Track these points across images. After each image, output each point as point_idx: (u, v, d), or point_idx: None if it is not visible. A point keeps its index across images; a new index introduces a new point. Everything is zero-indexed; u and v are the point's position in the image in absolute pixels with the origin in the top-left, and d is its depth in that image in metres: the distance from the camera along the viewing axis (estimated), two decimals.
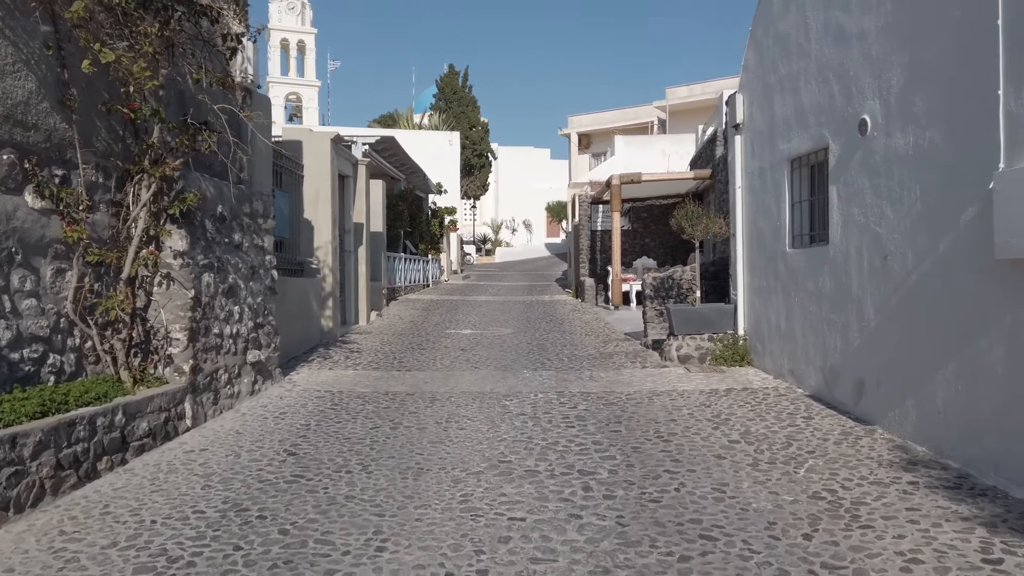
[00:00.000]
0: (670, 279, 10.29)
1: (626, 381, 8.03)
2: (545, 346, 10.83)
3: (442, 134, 34.87)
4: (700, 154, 16.39)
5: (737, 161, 8.70)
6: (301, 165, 10.95)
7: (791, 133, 7.39)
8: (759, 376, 8.06)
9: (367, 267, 13.60)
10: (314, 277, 10.91)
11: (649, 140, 26.93)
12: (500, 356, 9.92)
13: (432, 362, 9.51)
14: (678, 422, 6.23)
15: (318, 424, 6.33)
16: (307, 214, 11.01)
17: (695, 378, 8.07)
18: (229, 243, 7.05)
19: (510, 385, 7.93)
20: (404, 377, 8.47)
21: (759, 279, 8.29)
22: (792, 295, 7.43)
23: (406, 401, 7.19)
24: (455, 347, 10.78)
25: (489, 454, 5.41)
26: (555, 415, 6.57)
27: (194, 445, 5.71)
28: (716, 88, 33.40)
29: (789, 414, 6.40)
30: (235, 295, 7.12)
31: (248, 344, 7.34)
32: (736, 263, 8.75)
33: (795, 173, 7.52)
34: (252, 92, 8.39)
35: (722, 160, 13.62)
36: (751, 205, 8.46)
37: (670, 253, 18.38)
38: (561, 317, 14.78)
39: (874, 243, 5.90)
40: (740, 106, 8.58)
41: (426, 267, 22.41)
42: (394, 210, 19.99)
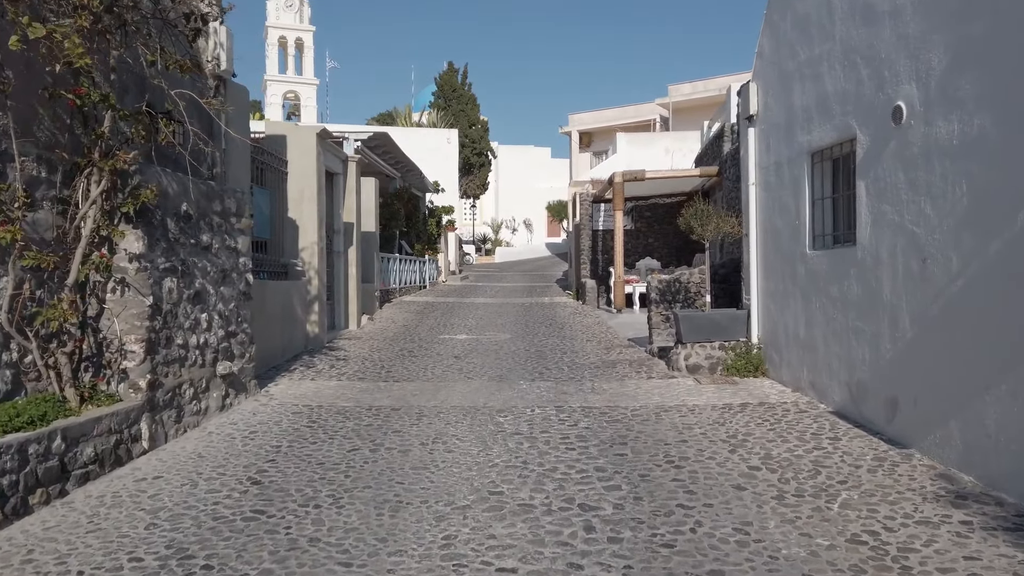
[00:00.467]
0: (677, 282, 9.66)
1: (631, 394, 7.40)
2: (544, 353, 10.20)
3: (440, 131, 34.23)
4: (706, 151, 15.76)
5: (750, 156, 8.07)
6: (285, 161, 10.32)
7: (812, 124, 6.76)
8: (775, 389, 7.42)
9: (358, 269, 12.97)
10: (299, 280, 10.28)
11: (652, 137, 26.32)
12: (495, 364, 9.29)
13: (423, 371, 8.88)
14: (690, 443, 5.60)
15: (290, 446, 5.70)
16: (292, 213, 10.38)
17: (706, 391, 7.44)
18: (196, 244, 6.43)
19: (505, 398, 7.30)
20: (391, 389, 7.84)
21: (775, 283, 7.66)
22: (813, 301, 6.79)
23: (391, 417, 6.56)
24: (448, 354, 10.15)
25: (478, 483, 4.79)
26: (553, 434, 5.94)
27: (148, 472, 5.08)
28: (720, 85, 32.78)
29: (813, 434, 5.76)
30: (203, 301, 6.50)
31: (218, 355, 6.72)
32: (749, 265, 8.12)
33: (816, 168, 6.88)
34: (226, 81, 7.77)
35: (730, 156, 12.99)
36: (766, 203, 7.83)
37: (674, 254, 17.76)
38: (561, 321, 14.15)
39: (910, 244, 5.27)
40: (754, 96, 7.95)
41: (423, 268, 21.79)
42: (389, 209, 19.36)
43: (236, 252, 7.19)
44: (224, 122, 7.72)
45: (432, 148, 30.92)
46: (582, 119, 39.20)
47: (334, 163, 12.10)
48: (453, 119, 40.57)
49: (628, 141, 25.02)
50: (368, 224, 15.03)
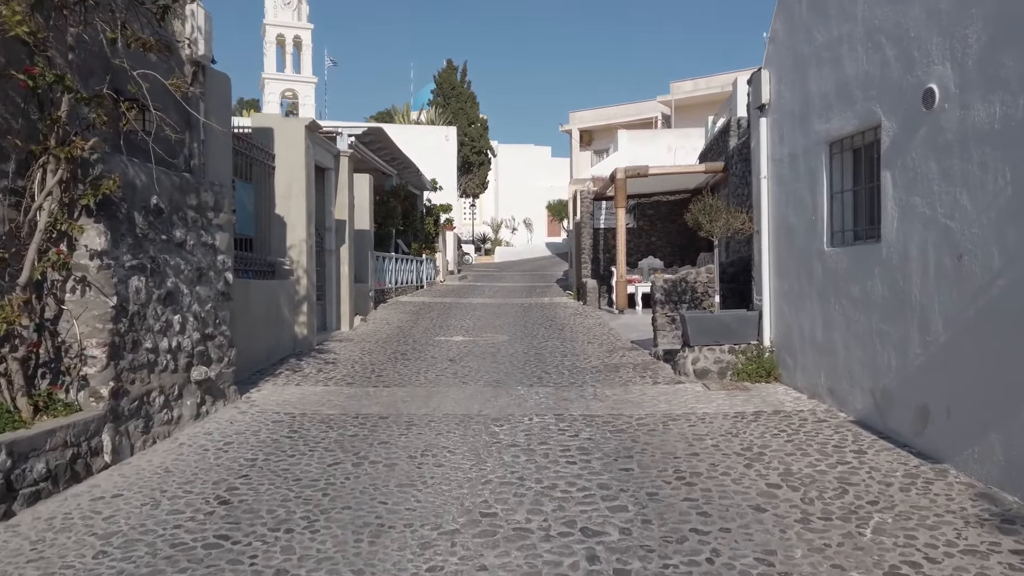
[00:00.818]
0: (683, 282, 9.20)
1: (636, 401, 6.94)
2: (543, 356, 9.74)
3: (438, 129, 33.76)
4: (711, 147, 15.30)
5: (762, 147, 7.61)
6: (272, 155, 9.86)
7: (830, 111, 6.30)
8: (790, 395, 6.96)
9: (350, 268, 12.52)
10: (286, 279, 9.82)
11: (654, 134, 25.86)
12: (492, 368, 8.83)
13: (415, 376, 8.42)
14: (702, 457, 5.14)
15: (266, 459, 5.24)
16: (279, 209, 9.92)
17: (716, 397, 6.97)
18: (168, 240, 5.97)
19: (501, 405, 6.84)
20: (380, 395, 7.38)
21: (789, 282, 7.19)
22: (831, 301, 6.33)
23: (378, 427, 6.10)
24: (443, 357, 9.69)
25: (470, 503, 4.33)
26: (553, 446, 5.48)
27: (107, 489, 4.62)
28: (723, 82, 32.34)
29: (836, 447, 5.30)
30: (175, 302, 6.03)
31: (193, 359, 6.26)
32: (761, 264, 7.66)
33: (835, 158, 6.42)
34: (205, 68, 7.30)
35: (736, 151, 12.54)
36: (779, 197, 7.37)
37: (678, 252, 17.29)
38: (561, 322, 13.69)
39: (943, 239, 4.81)
40: (766, 84, 7.49)
41: (420, 267, 21.33)
42: (384, 207, 18.90)
43: (214, 249, 6.73)
44: (203, 111, 7.27)
45: (430, 146, 30.44)
46: (583, 117, 38.73)
47: (325, 158, 11.64)
48: (452, 117, 40.09)
49: (629, 138, 24.55)
50: (362, 222, 14.57)
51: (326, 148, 11.65)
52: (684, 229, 17.74)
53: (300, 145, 9.97)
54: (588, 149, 38.90)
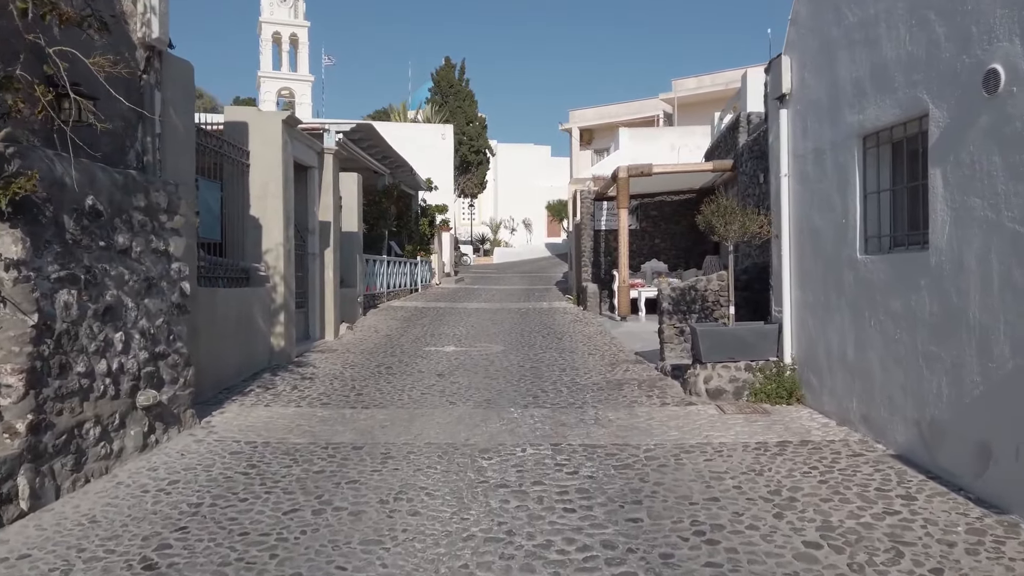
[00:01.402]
0: (692, 290, 8.44)
1: (643, 427, 6.18)
2: (540, 370, 8.98)
3: (434, 127, 32.99)
4: (717, 144, 14.54)
5: (782, 142, 6.85)
6: (246, 152, 9.11)
7: (864, 100, 5.53)
8: (816, 421, 6.19)
9: (335, 272, 11.75)
10: (262, 286, 9.06)
11: (656, 132, 25.11)
12: (484, 385, 8.07)
13: (398, 394, 7.66)
14: (723, 503, 4.37)
15: (214, 503, 4.48)
16: (254, 210, 9.16)
17: (733, 423, 6.21)
18: (108, 247, 5.21)
19: (491, 432, 6.08)
20: (357, 418, 6.62)
21: (814, 293, 6.43)
22: (866, 316, 5.57)
23: (349, 460, 5.34)
24: (431, 371, 8.93)
25: (446, 568, 3.57)
26: (549, 486, 4.72)
27: (15, 546, 3.86)
28: (727, 79, 31.58)
29: (879, 490, 4.53)
30: (117, 317, 5.27)
31: (140, 382, 5.50)
32: (781, 272, 6.90)
33: (869, 154, 5.66)
34: (161, 53, 6.54)
35: (746, 149, 11.77)
36: (803, 198, 6.61)
37: (683, 255, 16.53)
38: (560, 329, 12.92)
39: (1011, 247, 4.05)
40: (787, 72, 6.73)
41: (414, 270, 20.56)
42: (376, 208, 18.16)
43: (167, 256, 5.97)
44: (158, 101, 6.52)
45: (426, 144, 29.68)
46: (583, 115, 37.97)
47: (307, 155, 10.87)
48: (450, 116, 39.31)
49: (631, 136, 23.81)
50: (350, 223, 13.81)
51: (308, 145, 10.89)
52: (689, 231, 17.06)
53: (277, 141, 9.21)
54: (588, 148, 38.14)
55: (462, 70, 43.87)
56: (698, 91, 31.99)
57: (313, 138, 11.25)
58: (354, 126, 14.52)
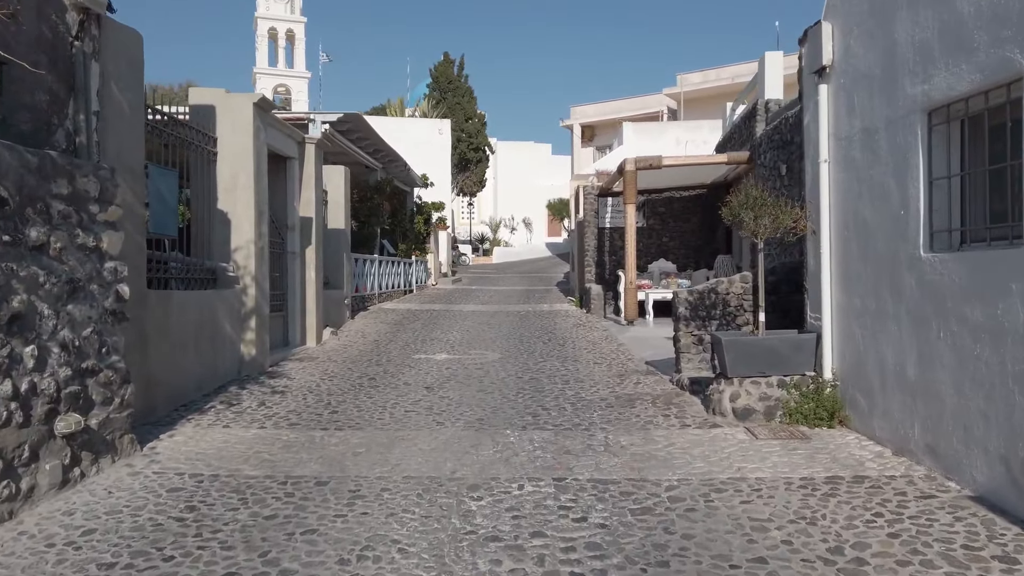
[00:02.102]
0: (712, 294, 7.50)
1: (662, 455, 5.24)
2: (540, 382, 8.04)
3: (431, 122, 32.03)
4: (731, 136, 13.61)
5: (822, 123, 5.92)
6: (212, 138, 8.18)
7: (931, 67, 4.60)
8: (867, 450, 5.25)
9: (318, 272, 10.82)
10: (230, 288, 8.13)
11: (661, 127, 24.20)
12: (477, 400, 7.14)
13: (379, 412, 6.72)
14: (771, 567, 3.44)
15: (129, 565, 3.55)
16: (222, 204, 8.24)
17: (768, 451, 5.27)
18: (15, 243, 4.28)
19: (483, 462, 5.15)
20: (328, 443, 5.69)
21: (862, 297, 5.50)
22: (932, 326, 4.64)
23: (310, 499, 4.42)
24: (419, 383, 8.00)
25: None
26: (551, 540, 3.79)
27: None
28: (733, 73, 30.66)
29: (966, 547, 3.60)
30: (28, 328, 4.35)
31: (60, 405, 4.57)
32: (820, 272, 5.97)
33: (936, 132, 4.73)
34: (99, 17, 5.62)
35: (764, 138, 10.85)
36: (847, 186, 5.68)
37: (692, 255, 15.59)
38: (563, 335, 11.99)
39: None
40: (827, 40, 5.80)
41: (408, 270, 19.63)
42: (368, 204, 17.24)
43: (98, 254, 5.04)
44: (95, 74, 5.60)
45: (423, 140, 28.76)
46: (584, 111, 37.02)
47: (285, 144, 9.94)
48: (448, 112, 38.35)
49: (635, 131, 22.87)
50: (337, 220, 12.89)
51: (287, 133, 9.96)
52: (699, 229, 16.13)
53: (247, 127, 8.28)
54: (590, 145, 37.19)
55: (461, 66, 42.95)
56: (703, 86, 31.05)
57: (293, 126, 10.32)
58: (341, 116, 13.60)
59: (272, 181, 10.11)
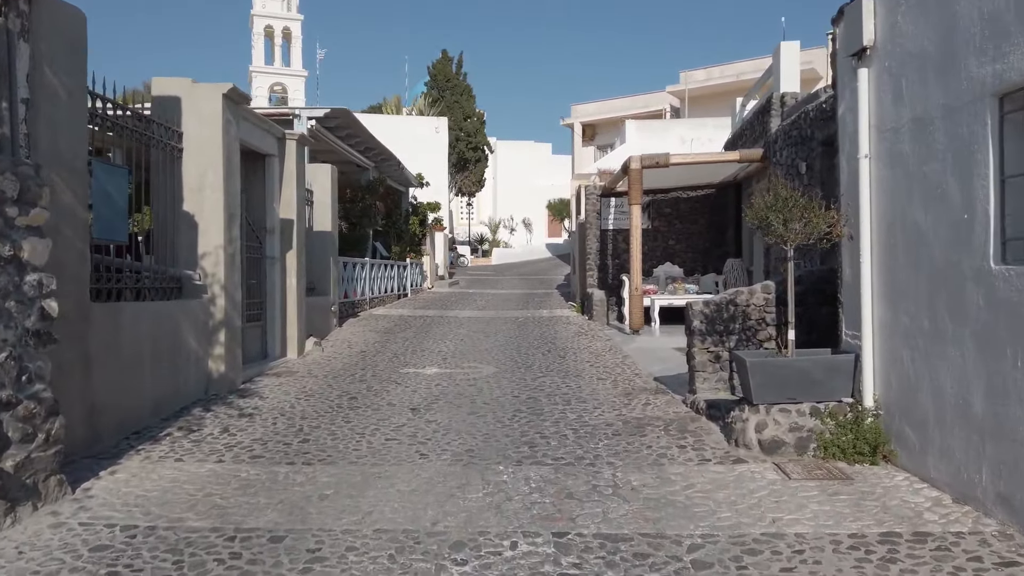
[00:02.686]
0: (731, 305, 6.74)
1: (681, 501, 4.47)
2: (539, 402, 7.28)
3: (428, 119, 31.25)
4: (742, 132, 12.85)
5: (861, 113, 5.16)
6: (178, 133, 7.42)
7: (1006, 43, 3.84)
8: (923, 495, 4.48)
9: (300, 279, 10.06)
10: (198, 298, 7.37)
11: (665, 125, 23.45)
12: (468, 426, 6.37)
13: (356, 440, 5.96)
14: None
15: None
16: (189, 205, 7.48)
17: (806, 495, 4.50)
18: None
19: (471, 508, 4.39)
20: (293, 481, 4.92)
21: (912, 315, 4.74)
22: (1007, 353, 3.87)
23: (259, 562, 3.66)
24: (404, 403, 7.24)
25: None
26: None
27: None
28: (738, 70, 29.91)
29: None
30: None
31: None
32: (859, 284, 5.21)
33: (1009, 121, 3.97)
34: None
35: (780, 134, 10.09)
36: (892, 185, 4.92)
37: (700, 258, 14.83)
38: (563, 344, 11.22)
39: None
40: (869, 17, 5.04)
41: (402, 273, 18.87)
42: (359, 205, 16.48)
43: (17, 265, 4.28)
44: (26, 56, 4.85)
45: (419, 138, 27.99)
46: (585, 110, 36.26)
47: (263, 140, 9.18)
48: (447, 111, 37.57)
49: (638, 128, 22.13)
50: (323, 221, 12.13)
51: (264, 128, 9.20)
52: (707, 231, 15.34)
53: (216, 120, 7.51)
54: (591, 144, 36.44)
55: (460, 64, 42.15)
56: (708, 83, 30.34)
57: (272, 121, 9.56)
58: (329, 111, 12.87)
59: (249, 180, 9.37)
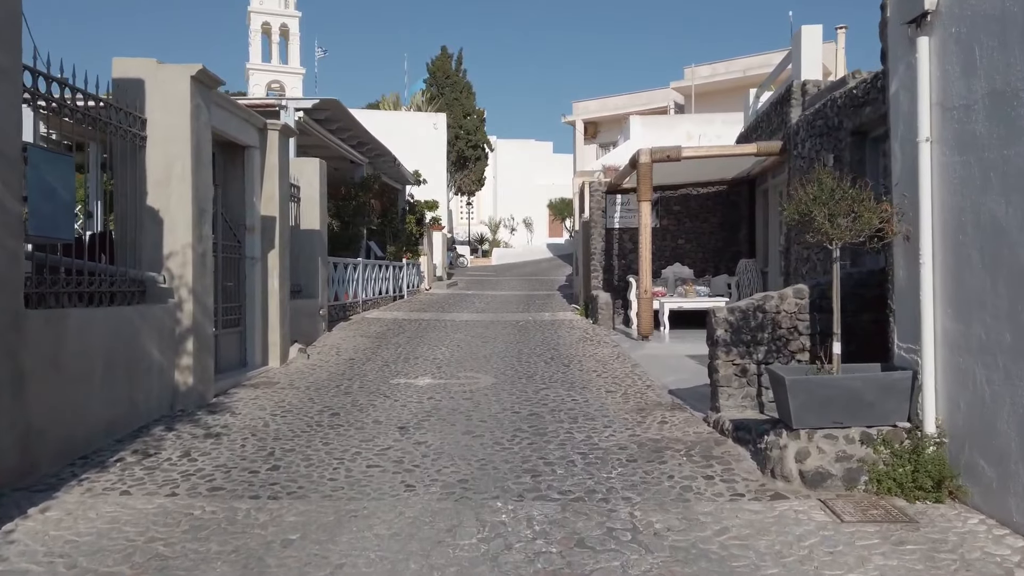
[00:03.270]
0: (759, 312, 5.98)
1: (715, 552, 3.72)
2: (542, 419, 6.53)
3: (426, 115, 30.52)
4: (757, 125, 12.10)
5: (920, 89, 4.41)
6: (141, 119, 6.68)
7: None
8: (1004, 543, 3.73)
9: (283, 280, 9.31)
10: (163, 303, 6.64)
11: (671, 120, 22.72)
12: (462, 449, 5.62)
13: (333, 467, 5.21)
14: None
15: None
16: (153, 200, 6.74)
17: (865, 545, 3.75)
18: None
19: (462, 561, 3.63)
20: (254, 522, 4.18)
21: (987, 326, 3.99)
22: None
23: None
24: (392, 421, 6.49)
25: None
26: None
27: None
28: (745, 65, 29.19)
29: None
30: None
31: None
32: (918, 289, 4.46)
33: None
34: None
35: (803, 125, 9.35)
36: (962, 173, 4.17)
37: (711, 259, 14.08)
38: (567, 351, 10.47)
39: None
40: None
41: (398, 274, 18.12)
42: (352, 202, 15.74)
43: None
44: None
45: (417, 135, 27.27)
46: (587, 107, 35.57)
47: (241, 130, 8.43)
48: (446, 108, 36.82)
49: (644, 124, 21.40)
50: (310, 219, 11.39)
51: (243, 117, 8.45)
52: (719, 229, 14.54)
53: (184, 105, 6.77)
54: (593, 142, 35.76)
55: (459, 60, 41.38)
56: (713, 79, 29.63)
57: (253, 111, 8.81)
58: (317, 102, 12.14)
59: (227, 174, 8.64)
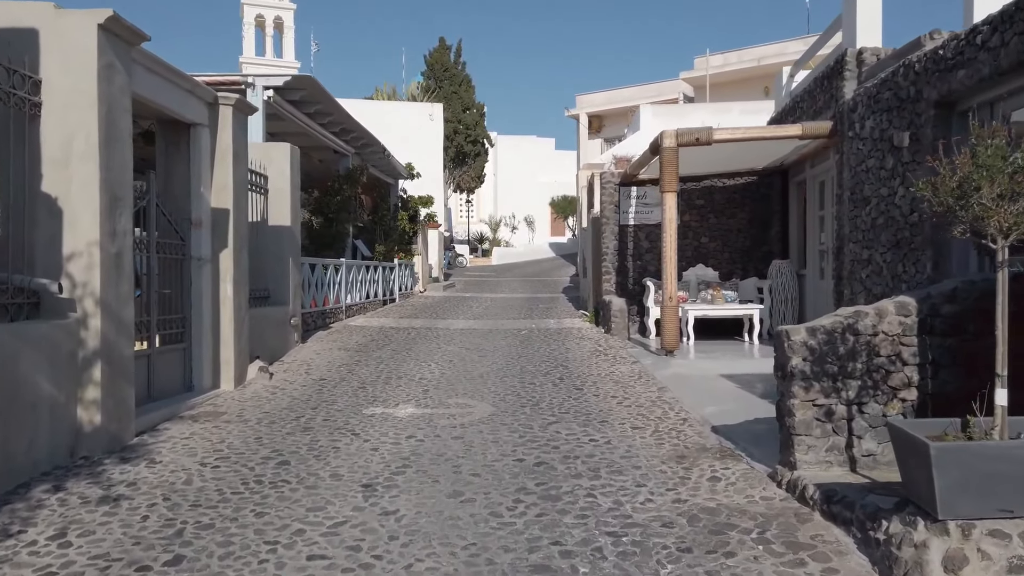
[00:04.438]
0: (849, 334, 4.44)
1: None
2: (553, 472, 4.99)
3: (421, 106, 28.94)
4: (794, 106, 10.53)
5: None
6: (34, 81, 5.15)
7: None
8: None
9: (238, 285, 7.78)
10: (62, 318, 5.11)
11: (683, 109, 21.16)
12: (445, 526, 4.08)
13: (256, 562, 3.67)
14: None
15: None
16: (49, 186, 5.22)
17: None
18: None
19: None
20: None
21: None
22: None
23: None
24: (355, 475, 4.94)
25: None
26: None
27: None
28: (759, 55, 27.64)
29: None
30: None
31: None
32: None
33: None
34: None
35: (862, 101, 7.83)
36: None
37: (738, 259, 12.51)
38: (579, 370, 8.93)
39: None
40: None
41: (388, 276, 16.58)
42: (335, 197, 14.20)
43: None
44: None
45: (412, 126, 25.71)
46: (592, 100, 34.04)
47: (185, 104, 6.90)
48: (445, 101, 35.28)
49: (654, 113, 19.86)
50: (280, 214, 9.85)
51: (186, 88, 6.91)
52: (748, 226, 12.88)
53: (90, 64, 5.24)
54: (598, 137, 34.24)
55: (458, 52, 39.84)
56: (725, 69, 28.08)
57: (199, 81, 7.27)
58: (289, 79, 10.60)
59: (169, 158, 7.13)
